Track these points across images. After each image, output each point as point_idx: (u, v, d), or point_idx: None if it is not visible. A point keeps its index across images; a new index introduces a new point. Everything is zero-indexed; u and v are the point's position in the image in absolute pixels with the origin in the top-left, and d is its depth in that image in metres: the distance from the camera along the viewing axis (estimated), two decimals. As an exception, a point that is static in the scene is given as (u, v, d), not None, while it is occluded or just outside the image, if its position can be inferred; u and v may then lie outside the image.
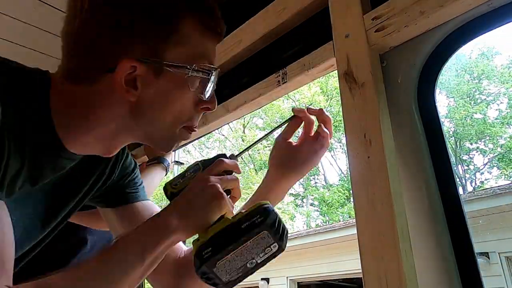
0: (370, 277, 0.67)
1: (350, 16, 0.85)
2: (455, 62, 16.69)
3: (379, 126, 0.73)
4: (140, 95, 0.62)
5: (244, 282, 1.79)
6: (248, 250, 0.58)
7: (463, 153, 16.39)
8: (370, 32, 0.80)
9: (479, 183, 16.31)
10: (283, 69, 1.03)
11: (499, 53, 16.91)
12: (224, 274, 0.58)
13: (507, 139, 15.17)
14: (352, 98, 0.80)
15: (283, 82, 1.02)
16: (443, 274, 0.68)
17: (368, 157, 0.73)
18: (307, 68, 0.96)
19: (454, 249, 0.68)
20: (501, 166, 15.45)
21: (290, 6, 1.02)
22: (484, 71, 16.28)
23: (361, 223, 0.72)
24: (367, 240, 0.70)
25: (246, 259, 0.58)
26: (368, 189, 0.72)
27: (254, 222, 0.57)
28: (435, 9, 0.71)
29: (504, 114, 15.49)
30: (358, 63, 0.81)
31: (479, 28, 0.72)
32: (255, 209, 0.60)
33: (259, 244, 0.58)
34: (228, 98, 1.20)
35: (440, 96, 16.41)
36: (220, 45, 1.21)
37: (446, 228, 0.69)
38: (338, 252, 6.55)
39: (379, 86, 0.79)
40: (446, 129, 15.90)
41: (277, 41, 1.11)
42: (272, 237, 0.58)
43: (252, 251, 0.58)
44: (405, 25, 0.75)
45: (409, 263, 0.65)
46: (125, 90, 0.61)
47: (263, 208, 0.59)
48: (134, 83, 0.61)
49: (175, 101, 0.65)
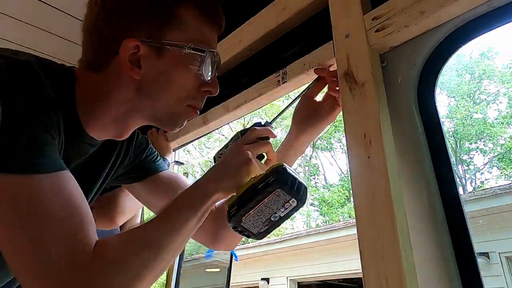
0: (370, 277, 0.67)
1: (350, 16, 0.85)
2: (456, 62, 16.69)
3: (379, 126, 0.73)
4: (144, 74, 0.70)
5: (244, 282, 1.79)
6: (267, 206, 0.67)
7: (463, 153, 16.39)
8: (370, 32, 0.80)
9: (479, 183, 16.30)
10: (283, 69, 1.03)
11: (499, 53, 16.90)
12: (252, 227, 0.69)
13: (507, 139, 15.17)
14: (352, 98, 0.80)
15: (283, 81, 1.02)
16: (443, 274, 0.68)
17: (368, 157, 0.73)
18: (307, 68, 0.96)
19: (454, 249, 0.68)
20: (501, 166, 15.44)
21: (290, 6, 1.02)
22: (485, 71, 16.27)
23: (361, 223, 0.72)
24: (367, 240, 0.70)
25: (269, 214, 0.68)
26: (368, 189, 0.72)
27: (267, 183, 0.65)
28: (435, 9, 0.71)
29: (504, 114, 15.48)
30: (358, 63, 0.81)
31: (479, 28, 0.72)
32: (270, 170, 0.68)
33: (276, 201, 0.66)
34: (228, 98, 1.20)
35: (440, 96, 16.41)
36: (220, 45, 1.22)
37: (446, 228, 0.69)
38: (338, 252, 6.55)
39: (379, 86, 0.79)
40: (446, 129, 15.89)
41: (277, 41, 1.11)
42: (287, 194, 0.66)
43: (272, 206, 0.67)
44: (405, 25, 0.75)
45: (409, 263, 0.65)
46: (129, 68, 0.69)
47: (275, 169, 0.67)
48: (138, 63, 0.70)
49: (176, 80, 0.73)
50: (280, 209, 0.68)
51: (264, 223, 0.69)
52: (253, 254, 7.77)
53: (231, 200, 0.70)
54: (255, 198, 0.66)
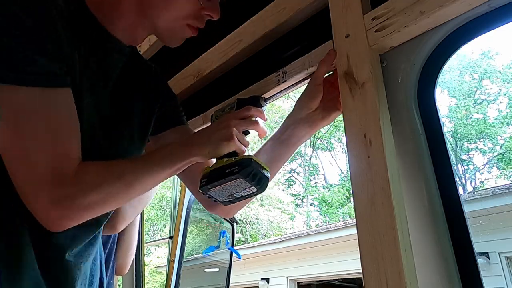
0: (370, 277, 0.67)
1: (350, 16, 0.85)
2: (457, 62, 16.68)
3: (379, 126, 0.73)
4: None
5: (244, 282, 1.78)
6: (230, 187, 0.77)
7: (463, 153, 16.39)
8: (370, 32, 0.80)
9: (479, 183, 16.31)
10: (283, 68, 1.03)
11: (500, 53, 16.87)
12: (218, 197, 0.81)
13: (507, 139, 15.17)
14: (352, 98, 0.80)
15: (283, 81, 1.02)
16: (443, 274, 0.68)
17: (368, 157, 0.73)
18: (307, 67, 0.96)
19: (454, 249, 0.68)
20: (501, 166, 15.45)
21: (290, 6, 1.02)
22: (486, 71, 16.27)
23: (361, 223, 0.72)
24: (367, 240, 0.70)
25: (232, 192, 0.79)
26: (368, 189, 0.72)
27: (232, 171, 0.75)
28: (435, 9, 0.71)
29: (504, 114, 15.48)
30: (358, 63, 0.81)
31: (479, 28, 0.72)
32: (238, 160, 0.76)
33: (239, 185, 0.77)
34: (228, 98, 1.20)
35: (441, 95, 16.42)
36: (220, 45, 1.22)
37: (446, 228, 0.69)
38: (338, 252, 6.54)
39: (379, 86, 0.79)
40: (447, 129, 15.89)
41: (277, 40, 1.11)
42: (248, 183, 0.76)
43: (235, 188, 0.78)
44: (405, 25, 0.75)
45: (409, 263, 0.65)
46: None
47: (241, 162, 0.75)
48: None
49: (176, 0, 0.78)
50: (242, 191, 0.79)
51: (228, 196, 0.81)
52: (253, 254, 7.77)
53: (205, 171, 0.80)
54: (220, 179, 0.76)
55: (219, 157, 0.78)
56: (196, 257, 2.77)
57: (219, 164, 0.78)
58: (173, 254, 1.94)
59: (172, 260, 1.94)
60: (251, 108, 0.83)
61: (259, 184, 0.77)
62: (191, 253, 2.78)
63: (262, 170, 0.77)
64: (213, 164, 0.80)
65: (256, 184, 0.77)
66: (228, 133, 0.76)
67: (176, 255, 1.94)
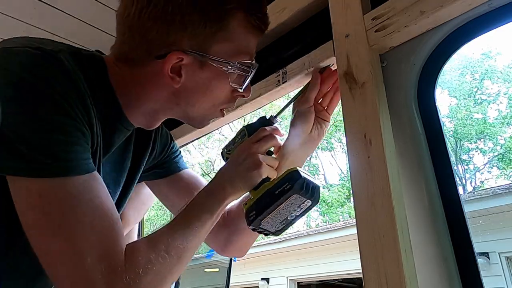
0: (370, 277, 0.67)
1: (350, 16, 0.85)
2: (458, 62, 16.66)
3: (379, 126, 0.73)
4: (183, 83, 0.70)
5: (244, 282, 1.79)
6: (284, 209, 0.71)
7: (463, 153, 16.38)
8: (370, 32, 0.80)
9: (479, 183, 16.30)
10: (283, 69, 1.03)
11: (501, 54, 16.84)
12: (270, 227, 0.74)
13: (507, 139, 15.16)
14: (352, 98, 0.80)
15: (283, 81, 1.02)
16: (443, 274, 0.68)
17: (368, 157, 0.73)
18: (307, 68, 0.96)
19: (454, 249, 0.68)
20: (501, 166, 15.44)
21: (290, 6, 1.02)
22: (487, 71, 16.25)
23: (361, 223, 0.72)
24: (367, 240, 0.70)
25: (286, 215, 0.72)
26: (368, 189, 0.72)
27: (284, 189, 0.69)
28: (435, 9, 0.71)
29: (504, 114, 15.47)
30: (358, 63, 0.81)
31: (479, 28, 0.71)
32: (285, 176, 0.71)
33: (293, 204, 0.71)
34: (228, 98, 1.20)
35: (442, 95, 16.41)
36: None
37: (446, 228, 0.69)
38: (338, 252, 6.55)
39: (379, 86, 0.79)
40: (447, 129, 15.88)
41: (277, 41, 1.11)
42: (302, 197, 0.70)
43: (289, 208, 0.71)
44: (405, 25, 0.75)
45: (409, 263, 0.65)
46: (170, 77, 0.69)
47: (290, 176, 0.70)
48: (179, 71, 0.69)
49: (214, 90, 0.73)
50: (296, 209, 0.72)
51: (282, 223, 0.74)
52: (253, 254, 7.77)
53: (248, 204, 0.74)
54: (273, 204, 0.70)
55: (254, 188, 0.74)
56: (196, 257, 2.76)
57: (261, 191, 0.72)
58: (173, 254, 1.93)
59: (172, 260, 1.93)
60: (265, 129, 0.81)
61: (314, 195, 0.71)
62: (191, 253, 2.78)
63: (311, 178, 0.72)
64: (252, 197, 0.74)
65: (311, 196, 0.71)
66: (255, 160, 0.74)
67: (176, 255, 1.94)
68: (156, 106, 0.74)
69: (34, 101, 0.54)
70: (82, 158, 0.57)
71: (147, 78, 0.70)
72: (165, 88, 0.71)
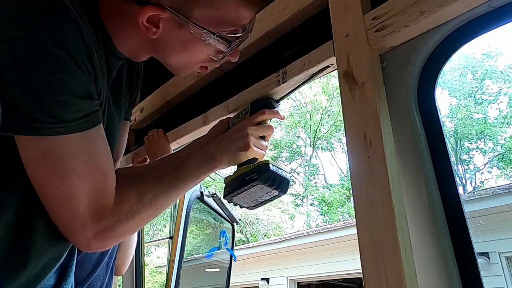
0: (370, 277, 0.67)
1: (350, 16, 0.85)
2: (459, 62, 16.66)
3: (379, 126, 0.73)
4: (160, 35, 0.70)
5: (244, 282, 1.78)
6: (253, 192, 0.81)
7: (463, 153, 16.39)
8: (370, 32, 0.80)
9: (479, 183, 16.31)
10: (283, 69, 1.03)
11: (502, 54, 16.81)
12: (242, 203, 0.85)
13: (507, 139, 15.17)
14: (352, 98, 0.80)
15: (283, 81, 1.02)
16: (443, 274, 0.68)
17: (368, 157, 0.73)
18: (307, 67, 0.96)
19: (454, 249, 0.68)
20: (501, 166, 15.44)
21: (290, 6, 1.02)
22: (487, 71, 16.25)
23: (361, 223, 0.72)
24: (367, 240, 0.70)
25: (255, 197, 0.83)
26: (368, 189, 0.72)
27: (251, 178, 0.79)
28: (435, 9, 0.71)
29: (505, 113, 15.48)
30: (358, 63, 0.81)
31: (479, 28, 0.72)
32: (256, 167, 0.80)
33: (260, 191, 0.80)
34: (228, 98, 1.20)
35: (442, 95, 16.41)
36: (220, 45, 1.21)
37: (446, 228, 0.69)
38: (338, 252, 6.54)
39: (379, 86, 0.79)
40: (447, 129, 15.89)
41: (277, 41, 1.11)
42: (268, 188, 0.79)
43: (256, 193, 0.81)
44: (405, 25, 0.75)
45: (409, 263, 0.65)
46: (145, 27, 0.68)
47: (259, 168, 0.79)
48: (157, 23, 0.68)
49: (190, 51, 0.73)
50: (264, 195, 0.82)
51: (253, 202, 0.85)
52: (253, 254, 7.77)
53: (228, 179, 0.84)
54: (241, 187, 0.81)
55: (239, 165, 0.82)
56: (196, 257, 2.77)
57: (239, 172, 0.82)
58: (173, 254, 1.94)
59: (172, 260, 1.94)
60: (265, 112, 0.86)
61: (280, 187, 0.80)
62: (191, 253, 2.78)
63: (281, 173, 0.80)
64: (234, 172, 0.83)
65: (276, 188, 0.80)
66: (245, 142, 0.80)
67: (176, 255, 1.94)
68: (135, 44, 0.75)
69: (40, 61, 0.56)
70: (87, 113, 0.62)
71: (127, 18, 0.70)
72: (142, 33, 0.70)
